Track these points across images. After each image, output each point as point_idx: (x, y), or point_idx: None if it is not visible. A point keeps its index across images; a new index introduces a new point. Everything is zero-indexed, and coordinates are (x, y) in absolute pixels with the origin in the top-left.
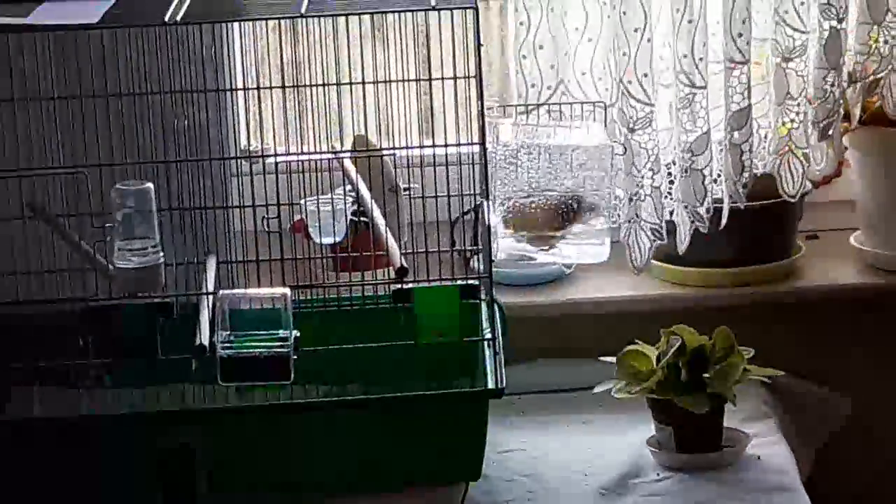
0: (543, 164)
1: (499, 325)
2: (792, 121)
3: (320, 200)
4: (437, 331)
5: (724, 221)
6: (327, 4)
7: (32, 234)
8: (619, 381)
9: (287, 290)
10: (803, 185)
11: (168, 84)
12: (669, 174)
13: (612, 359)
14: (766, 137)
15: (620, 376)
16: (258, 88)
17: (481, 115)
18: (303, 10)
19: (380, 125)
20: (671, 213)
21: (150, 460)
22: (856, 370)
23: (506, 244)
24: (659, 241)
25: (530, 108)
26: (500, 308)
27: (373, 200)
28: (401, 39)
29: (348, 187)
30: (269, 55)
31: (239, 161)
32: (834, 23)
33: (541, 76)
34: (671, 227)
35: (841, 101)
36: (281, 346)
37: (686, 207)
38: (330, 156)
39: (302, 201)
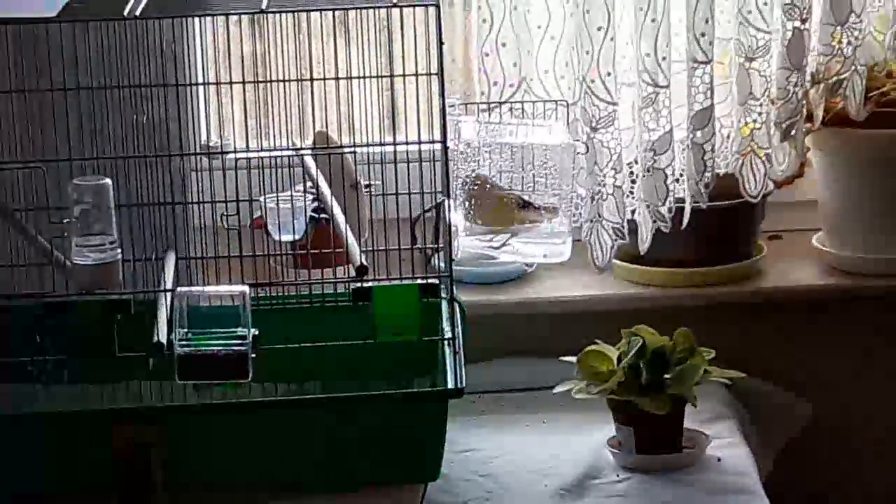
0: (505, 162)
1: (459, 324)
2: (755, 121)
3: (280, 197)
4: (396, 330)
5: (685, 221)
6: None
7: None
8: (580, 382)
9: (246, 288)
10: (765, 186)
11: (128, 78)
12: (631, 173)
13: (573, 359)
14: (728, 137)
15: (581, 376)
16: (219, 84)
17: (443, 112)
18: (264, 6)
19: (341, 121)
20: (633, 212)
21: (106, 458)
22: (817, 372)
23: (467, 242)
24: (620, 241)
25: (493, 105)
26: (460, 307)
27: (333, 197)
28: (364, 35)
29: (309, 184)
30: (231, 50)
31: (199, 157)
32: (797, 23)
33: (503, 74)
34: (633, 227)
35: (804, 102)
36: (239, 344)
37: (648, 207)
38: (291, 153)
39: (262, 198)
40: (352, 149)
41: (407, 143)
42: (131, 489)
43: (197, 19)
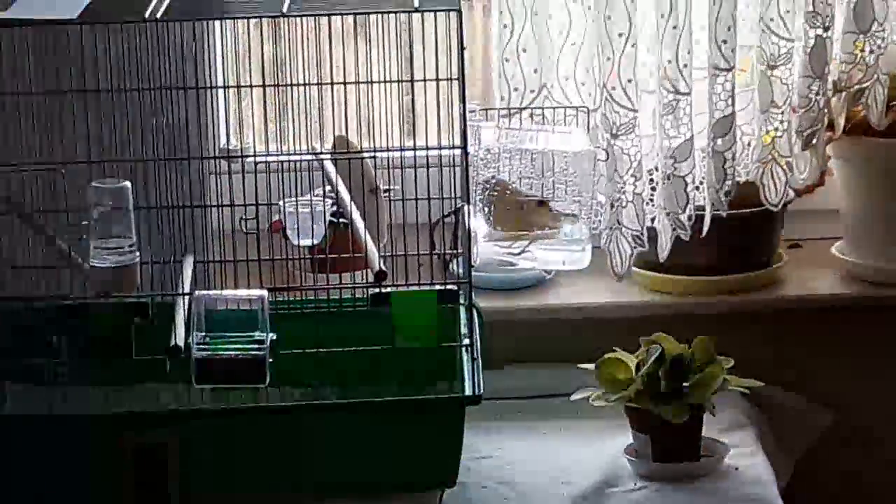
0: (525, 169)
1: (477, 331)
2: (776, 129)
3: (299, 202)
4: (414, 335)
5: (705, 229)
6: (310, 3)
7: (7, 230)
8: (598, 389)
9: (264, 293)
10: (786, 194)
11: (148, 81)
12: (651, 181)
13: (591, 366)
14: (749, 145)
15: (599, 384)
16: (239, 87)
17: (463, 118)
18: (284, 9)
19: (361, 126)
20: (653, 219)
21: (122, 461)
22: (836, 381)
23: (486, 249)
24: (640, 248)
25: (513, 111)
26: (478, 313)
27: (352, 202)
28: (384, 40)
29: (328, 188)
30: (250, 53)
31: (218, 160)
32: (820, 31)
33: (524, 80)
34: (652, 234)
35: (825, 111)
36: (257, 349)
37: (668, 214)
38: (310, 157)
39: (280, 202)
40: (371, 153)
41: (427, 149)
42: (147, 492)
43: (217, 22)
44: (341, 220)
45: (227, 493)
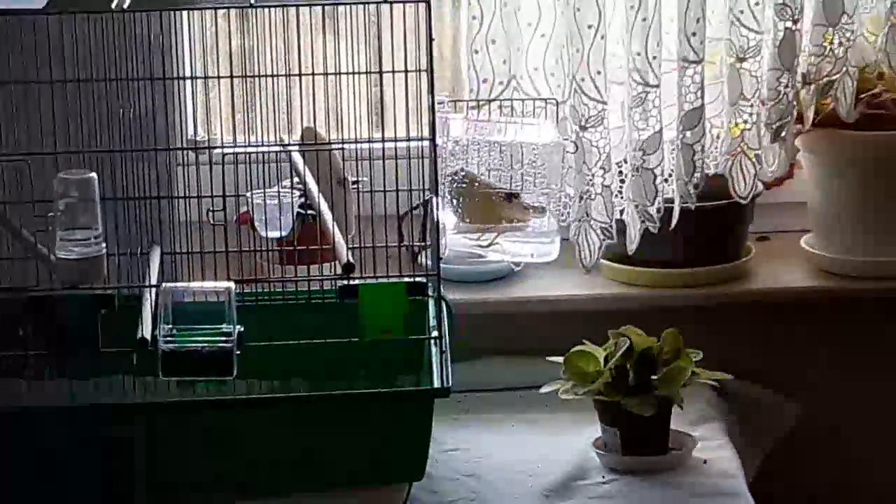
0: (493, 161)
1: (446, 323)
2: (745, 121)
3: (267, 193)
4: (383, 328)
5: (674, 221)
6: None
7: None
8: (566, 382)
9: (231, 285)
10: (755, 187)
11: (115, 71)
12: (620, 173)
13: (560, 359)
14: (718, 137)
15: (567, 377)
16: (206, 77)
17: (432, 109)
18: (253, 0)
19: (329, 117)
20: (621, 212)
21: (88, 453)
22: (804, 374)
23: (455, 241)
24: (608, 241)
25: (481, 103)
26: (447, 305)
27: (320, 194)
28: (352, 31)
29: (296, 180)
30: (218, 44)
31: (185, 151)
32: (789, 24)
33: (493, 71)
34: (621, 227)
35: (794, 103)
36: (224, 341)
37: (636, 207)
38: (278, 148)
39: (248, 194)
40: (339, 145)
41: (395, 140)
42: (113, 485)
43: (185, 12)
44: (309, 211)
45: (193, 486)
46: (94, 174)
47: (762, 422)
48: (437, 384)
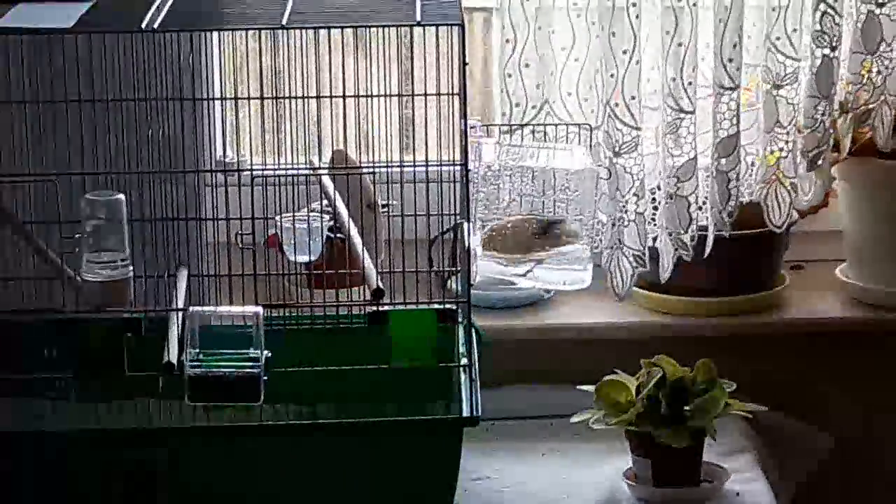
0: (526, 186)
1: (475, 351)
2: (781, 149)
3: (296, 216)
4: (412, 355)
5: (708, 250)
6: (310, 15)
7: None
8: (598, 412)
9: (259, 309)
10: (790, 215)
11: (143, 91)
12: (654, 200)
13: (591, 387)
14: (753, 165)
15: (599, 406)
16: (236, 98)
17: (464, 133)
18: (284, 21)
19: (359, 139)
20: (654, 239)
21: (112, 478)
22: (837, 405)
23: (485, 267)
24: (641, 268)
25: (514, 127)
26: (477, 332)
27: (350, 217)
28: (383, 53)
29: (325, 203)
30: (248, 65)
31: (214, 173)
32: (827, 51)
33: (526, 95)
34: (654, 254)
35: (831, 131)
36: (251, 366)
37: (670, 234)
38: (308, 171)
39: (277, 216)
40: (370, 168)
41: (427, 165)
42: None
43: (215, 33)
44: (338, 235)
45: None
46: (121, 196)
47: (795, 453)
48: (465, 413)
